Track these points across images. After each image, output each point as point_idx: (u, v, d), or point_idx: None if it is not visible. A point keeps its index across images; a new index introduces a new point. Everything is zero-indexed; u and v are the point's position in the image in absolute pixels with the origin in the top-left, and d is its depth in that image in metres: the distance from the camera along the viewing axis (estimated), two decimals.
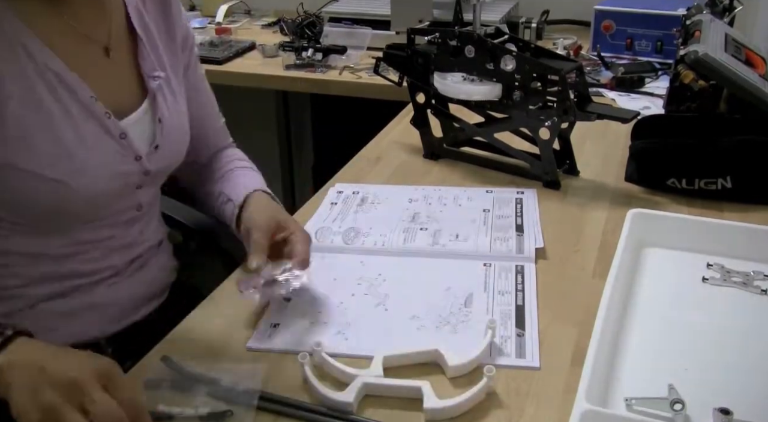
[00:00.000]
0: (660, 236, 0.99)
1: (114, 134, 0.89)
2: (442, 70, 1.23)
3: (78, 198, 0.86)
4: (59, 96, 0.84)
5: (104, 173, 0.88)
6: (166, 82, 0.98)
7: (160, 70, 0.97)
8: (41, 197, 0.84)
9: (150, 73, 0.96)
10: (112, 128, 0.89)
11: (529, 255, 0.99)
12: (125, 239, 0.98)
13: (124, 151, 0.91)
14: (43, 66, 0.83)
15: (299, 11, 2.17)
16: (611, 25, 1.81)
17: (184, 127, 1.02)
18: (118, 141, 0.90)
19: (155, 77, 0.96)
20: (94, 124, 0.87)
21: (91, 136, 0.87)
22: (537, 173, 1.20)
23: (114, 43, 0.93)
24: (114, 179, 0.90)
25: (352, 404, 0.74)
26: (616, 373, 0.77)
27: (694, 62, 1.27)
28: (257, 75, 1.89)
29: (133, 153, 0.92)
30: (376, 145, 1.40)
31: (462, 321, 0.87)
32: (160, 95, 0.96)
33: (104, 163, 0.88)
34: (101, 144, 0.88)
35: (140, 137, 0.94)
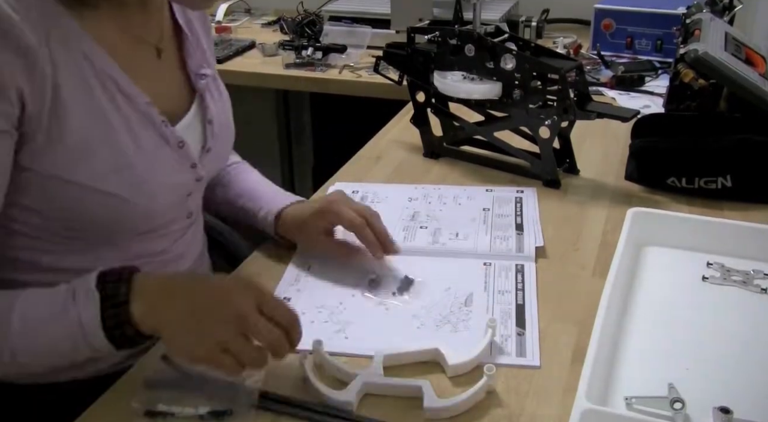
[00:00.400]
0: (660, 235, 0.99)
1: (172, 143, 0.85)
2: (442, 69, 1.23)
3: (135, 212, 0.82)
4: (118, 104, 0.80)
5: (162, 185, 0.84)
6: (212, 80, 0.95)
7: (206, 68, 0.93)
8: (99, 213, 0.80)
9: (197, 72, 0.92)
10: (170, 136, 0.85)
11: (529, 254, 0.99)
12: (177, 250, 0.94)
13: (181, 160, 0.87)
14: (103, 73, 0.78)
15: (299, 10, 2.16)
16: (611, 23, 1.81)
17: (230, 125, 0.99)
18: (176, 150, 0.86)
19: (202, 76, 0.92)
20: (153, 133, 0.83)
21: (151, 146, 0.82)
22: (537, 172, 1.20)
23: (164, 43, 0.89)
24: (171, 190, 0.86)
25: (352, 403, 0.74)
26: (616, 372, 0.77)
27: (694, 61, 1.27)
28: (257, 74, 1.89)
29: (189, 161, 0.88)
30: (376, 144, 1.40)
31: (462, 320, 0.87)
32: (208, 94, 0.93)
33: (163, 174, 0.84)
34: (160, 154, 0.84)
35: (193, 141, 0.90)
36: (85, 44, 0.77)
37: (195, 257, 0.99)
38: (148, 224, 0.87)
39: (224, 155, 0.99)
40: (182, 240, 0.94)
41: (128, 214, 0.82)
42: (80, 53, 0.77)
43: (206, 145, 0.92)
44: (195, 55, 0.93)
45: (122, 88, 0.80)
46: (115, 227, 0.83)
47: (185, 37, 0.92)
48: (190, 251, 0.97)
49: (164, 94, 0.87)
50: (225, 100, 0.98)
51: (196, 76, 0.92)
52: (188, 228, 0.96)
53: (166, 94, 0.88)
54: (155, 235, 0.89)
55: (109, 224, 0.82)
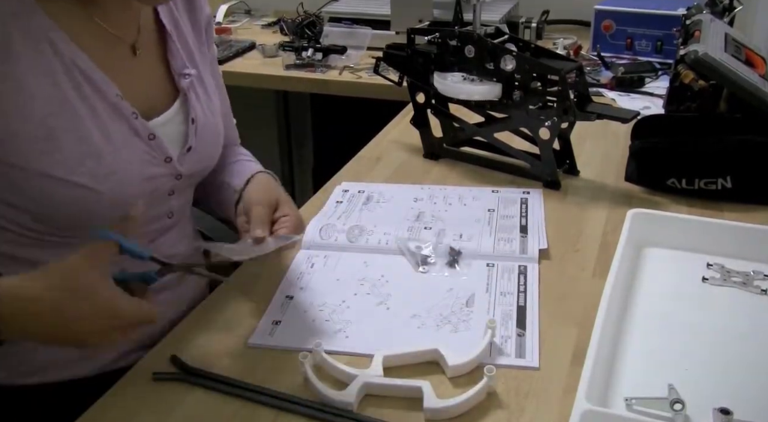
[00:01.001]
0: (660, 236, 0.99)
1: (142, 135, 0.85)
2: (442, 70, 1.23)
3: (106, 203, 0.82)
4: (85, 94, 0.80)
5: (133, 176, 0.84)
6: (198, 80, 0.95)
7: (190, 68, 0.93)
8: (69, 204, 0.80)
9: (180, 71, 0.92)
10: (140, 128, 0.85)
11: (533, 256, 0.99)
12: (156, 250, 0.90)
13: (153, 152, 0.87)
14: (70, 62, 0.79)
15: (299, 11, 2.17)
16: (611, 25, 1.81)
17: (218, 127, 0.98)
18: (146, 142, 0.86)
19: (186, 75, 0.92)
20: (122, 123, 0.83)
21: (119, 136, 0.83)
22: (537, 173, 1.20)
23: (142, 41, 0.89)
24: (144, 183, 0.86)
25: (352, 403, 0.74)
26: (616, 373, 0.77)
27: (694, 62, 1.27)
28: (257, 75, 1.89)
29: (162, 154, 0.88)
30: (376, 145, 1.40)
31: (463, 321, 0.87)
32: (192, 94, 0.93)
33: (132, 164, 0.84)
34: (129, 145, 0.84)
35: (171, 138, 0.90)
36: (51, 32, 0.78)
37: (182, 258, 0.97)
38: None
39: (210, 155, 0.97)
40: (161, 241, 0.93)
41: (98, 205, 0.82)
42: (45, 40, 0.78)
43: (188, 143, 0.91)
44: (178, 56, 0.92)
45: (90, 78, 0.81)
46: (86, 219, 0.83)
47: (168, 36, 0.92)
48: (175, 252, 0.95)
49: (140, 92, 0.87)
50: (213, 103, 0.98)
51: (178, 75, 0.92)
52: (169, 229, 0.95)
53: (143, 92, 0.88)
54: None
55: (79, 215, 0.82)
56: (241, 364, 0.81)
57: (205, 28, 1.00)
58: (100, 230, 0.71)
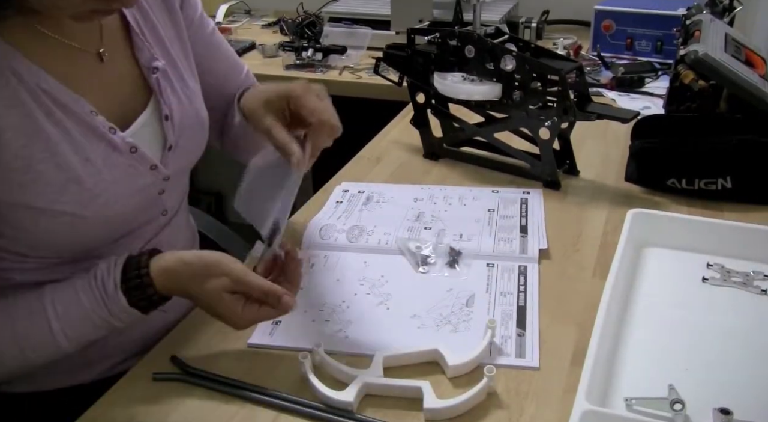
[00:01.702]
0: (660, 236, 0.99)
1: (122, 150, 0.82)
2: (442, 70, 1.23)
3: (96, 224, 0.81)
4: (57, 119, 0.76)
5: (119, 193, 0.82)
6: (171, 69, 0.90)
7: (159, 59, 0.88)
8: (58, 231, 0.79)
9: (148, 65, 0.87)
10: (120, 143, 0.81)
11: (533, 256, 0.99)
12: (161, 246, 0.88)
13: (136, 164, 0.84)
14: (36, 88, 0.75)
15: (299, 11, 2.17)
16: (611, 25, 1.81)
17: (198, 114, 0.93)
18: (128, 156, 0.82)
19: (153, 69, 0.87)
20: (98, 142, 0.80)
21: (98, 156, 0.79)
22: (537, 173, 1.20)
23: (107, 44, 0.84)
24: (133, 196, 0.84)
25: (352, 403, 0.74)
26: (616, 373, 0.77)
27: (694, 62, 1.27)
28: (257, 75, 1.82)
29: (146, 164, 0.85)
30: (376, 145, 1.40)
31: (463, 321, 0.87)
32: (165, 85, 0.88)
33: (117, 183, 0.81)
34: (110, 163, 0.81)
35: (150, 141, 0.86)
36: (14, 62, 0.74)
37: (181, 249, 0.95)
38: (120, 230, 0.86)
39: (194, 149, 0.94)
40: (158, 238, 0.93)
41: (89, 229, 0.80)
42: (9, 72, 0.74)
43: (167, 142, 0.88)
44: (144, 48, 0.87)
45: (60, 101, 0.77)
46: (78, 242, 0.82)
47: (132, 31, 0.87)
48: (173, 246, 0.94)
49: (112, 99, 0.84)
50: (190, 88, 0.93)
51: (147, 70, 0.87)
52: (165, 226, 0.94)
53: (115, 99, 0.84)
54: (130, 238, 0.88)
55: (71, 240, 0.81)
56: (241, 364, 0.81)
57: (180, 6, 0.95)
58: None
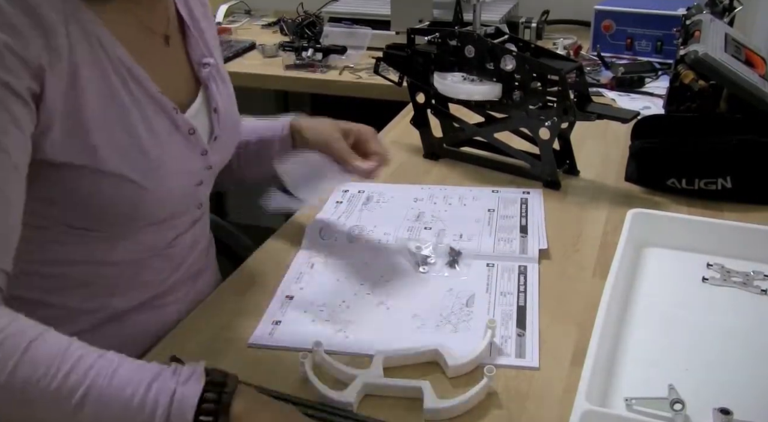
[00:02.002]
0: (660, 236, 0.99)
1: (183, 130, 0.86)
2: (442, 70, 1.23)
3: (151, 199, 0.82)
4: (130, 89, 0.80)
5: (175, 171, 0.85)
6: (215, 69, 0.95)
7: (209, 57, 0.93)
8: (116, 200, 0.80)
9: (200, 61, 0.92)
10: (181, 123, 0.85)
11: (533, 256, 0.99)
12: (186, 241, 0.94)
13: (192, 146, 0.88)
14: (116, 59, 0.79)
15: (299, 11, 2.17)
16: (611, 25, 1.81)
17: (236, 113, 1.00)
18: (187, 137, 0.87)
19: (205, 64, 0.92)
20: (165, 118, 0.84)
21: (163, 132, 0.83)
22: (537, 173, 1.20)
23: (171, 31, 0.89)
24: (183, 177, 0.87)
25: (352, 403, 0.74)
26: (616, 373, 0.77)
27: (694, 62, 1.27)
28: (257, 75, 1.89)
29: (200, 148, 0.89)
30: None
31: (463, 321, 0.87)
32: (213, 83, 0.93)
33: (175, 159, 0.85)
34: (173, 140, 0.84)
35: (201, 129, 0.90)
36: (98, 30, 0.77)
37: (202, 248, 1.00)
38: (162, 212, 0.87)
39: (231, 143, 0.99)
40: (191, 231, 0.95)
41: (142, 200, 0.82)
42: (94, 37, 0.77)
43: (213, 133, 0.92)
44: (197, 45, 0.93)
45: (134, 74, 0.80)
46: (129, 216, 0.83)
47: (187, 27, 0.92)
48: (198, 242, 0.98)
49: (172, 83, 0.87)
50: (229, 89, 0.99)
51: (198, 65, 0.92)
52: (198, 219, 0.96)
53: (174, 83, 0.88)
54: (167, 225, 0.90)
55: (124, 211, 0.82)
56: (241, 364, 0.81)
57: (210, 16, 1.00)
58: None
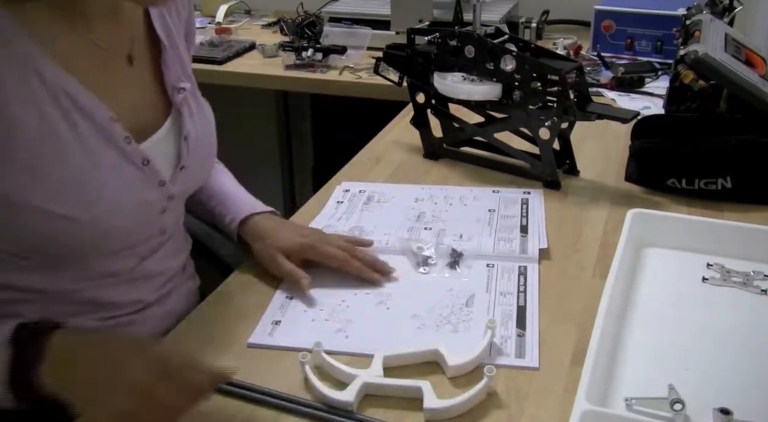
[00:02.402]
0: (660, 236, 0.99)
1: (135, 161, 0.81)
2: (442, 70, 1.23)
3: (92, 232, 0.78)
4: (74, 122, 0.76)
5: (123, 204, 0.80)
6: (191, 94, 0.90)
7: (185, 81, 0.89)
8: (51, 235, 0.77)
9: (175, 85, 0.87)
10: (133, 154, 0.81)
11: (533, 256, 0.99)
12: (149, 267, 0.90)
13: (146, 177, 0.83)
14: (58, 89, 0.74)
15: (299, 11, 2.17)
16: (611, 25, 1.81)
17: (210, 139, 0.95)
18: (139, 168, 0.82)
19: (180, 89, 0.88)
20: (112, 150, 0.79)
21: (109, 163, 0.78)
22: (537, 173, 1.20)
23: (136, 51, 0.84)
24: (135, 209, 0.82)
25: (352, 403, 0.74)
26: (616, 373, 0.77)
27: (694, 62, 1.27)
28: (257, 75, 1.89)
29: (156, 179, 0.84)
30: (376, 145, 1.40)
31: (463, 321, 0.87)
32: (186, 109, 0.88)
33: (123, 192, 0.80)
34: (119, 172, 0.80)
35: (164, 157, 0.86)
36: (38, 62, 0.73)
37: (173, 272, 0.96)
38: (112, 244, 0.84)
39: (202, 172, 0.95)
40: (154, 258, 0.91)
41: (83, 235, 0.78)
42: (32, 71, 0.73)
43: (180, 162, 0.88)
44: (173, 68, 0.88)
45: (80, 104, 0.76)
46: (71, 248, 0.80)
47: (163, 47, 0.87)
48: (165, 267, 0.94)
49: (134, 107, 0.83)
50: (206, 116, 0.94)
51: (173, 89, 0.88)
52: (161, 246, 0.92)
53: (137, 107, 0.84)
54: (126, 254, 0.87)
55: (63, 245, 0.79)
56: (240, 364, 0.81)
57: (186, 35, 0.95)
58: None
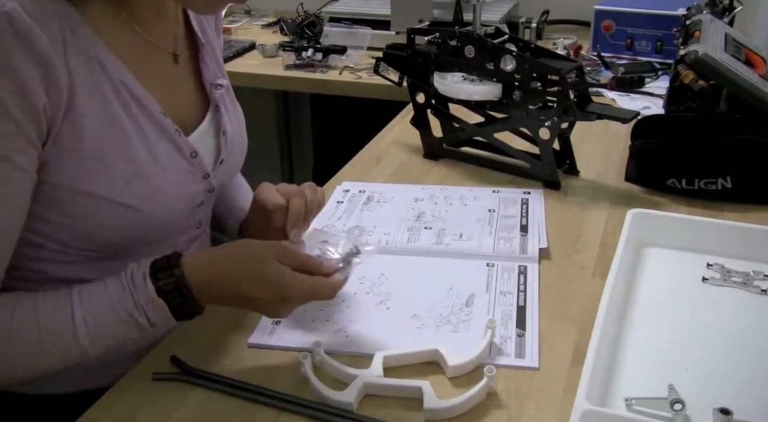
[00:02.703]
0: (660, 236, 0.99)
1: (185, 153, 0.84)
2: (442, 70, 1.23)
3: (148, 223, 0.82)
4: (132, 113, 0.79)
5: (175, 195, 0.84)
6: (227, 91, 0.94)
7: (222, 78, 0.92)
8: (112, 224, 0.79)
9: (213, 82, 0.91)
10: (184, 146, 0.84)
11: (533, 255, 0.99)
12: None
13: (194, 170, 0.86)
14: (118, 81, 0.78)
15: (299, 11, 2.17)
16: (611, 25, 1.81)
17: (244, 136, 0.99)
18: (189, 160, 0.85)
19: (218, 86, 0.91)
20: (166, 142, 0.82)
21: (164, 156, 0.82)
22: (537, 173, 1.20)
23: (180, 49, 0.88)
24: (183, 201, 0.86)
25: (352, 404, 0.74)
26: (616, 373, 0.77)
27: (694, 62, 1.27)
28: (257, 75, 1.89)
29: (202, 172, 0.87)
30: (376, 145, 1.40)
31: (463, 321, 0.87)
32: (222, 105, 0.92)
33: (176, 184, 0.83)
34: (174, 164, 0.83)
35: (206, 152, 0.89)
36: (99, 52, 0.76)
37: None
38: (160, 234, 0.86)
39: (236, 166, 0.98)
40: (188, 251, 0.91)
41: (141, 225, 0.81)
42: (95, 60, 0.76)
43: (219, 156, 0.92)
44: (210, 66, 0.92)
45: (136, 96, 0.79)
46: (127, 238, 0.82)
47: (201, 46, 0.91)
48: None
49: (179, 103, 0.86)
50: (239, 112, 0.98)
51: (211, 86, 0.91)
52: (196, 239, 0.95)
53: (181, 103, 0.87)
54: (164, 246, 0.88)
55: (121, 234, 0.81)
56: (240, 364, 0.81)
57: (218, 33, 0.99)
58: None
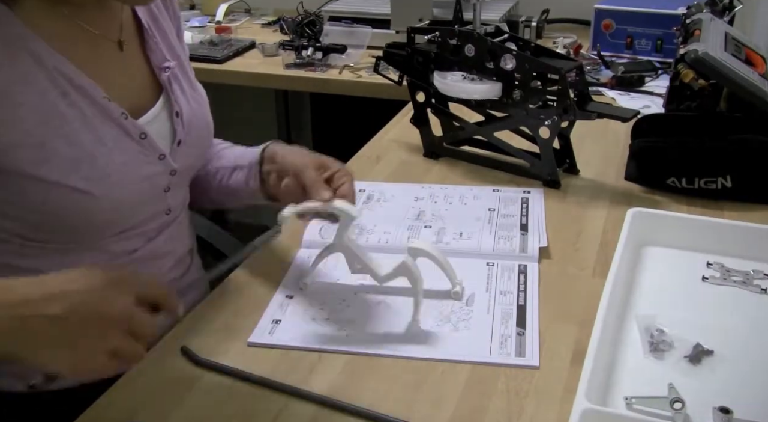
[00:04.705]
0: (660, 235, 0.99)
1: (133, 135, 0.86)
2: (442, 69, 1.23)
3: (104, 207, 0.83)
4: (73, 100, 0.80)
5: (128, 177, 0.85)
6: (180, 70, 0.95)
7: (170, 60, 0.93)
8: (67, 210, 0.81)
9: (160, 65, 0.92)
10: (131, 128, 0.85)
11: (533, 254, 0.99)
12: (155, 248, 0.94)
13: (146, 151, 0.87)
14: (53, 70, 0.79)
15: (299, 10, 2.16)
16: (611, 24, 1.81)
17: (205, 117, 0.98)
18: (138, 142, 0.86)
19: (165, 68, 0.92)
20: (112, 125, 0.84)
21: (110, 138, 0.83)
22: (537, 172, 1.20)
23: (125, 36, 0.90)
24: (140, 183, 0.87)
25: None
26: (616, 372, 0.77)
27: (694, 61, 1.27)
28: (257, 74, 1.89)
29: (155, 152, 0.88)
30: (376, 144, 1.40)
31: (463, 320, 0.87)
32: (176, 86, 0.93)
33: (126, 165, 0.84)
34: (121, 146, 0.84)
35: (160, 134, 0.90)
36: (29, 42, 0.78)
37: (179, 256, 0.99)
38: (123, 221, 0.87)
39: (201, 148, 0.98)
40: (159, 238, 0.94)
41: (98, 210, 0.82)
42: (24, 50, 0.77)
43: (176, 137, 0.92)
44: (157, 49, 0.93)
45: (76, 83, 0.81)
46: (85, 225, 0.83)
47: (146, 32, 0.92)
48: (172, 250, 0.97)
49: (127, 88, 0.88)
50: (198, 94, 0.98)
51: (159, 69, 0.92)
52: (167, 226, 0.95)
53: (130, 88, 0.88)
54: (132, 234, 0.90)
55: (78, 221, 0.82)
56: (241, 363, 0.81)
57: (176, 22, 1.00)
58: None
